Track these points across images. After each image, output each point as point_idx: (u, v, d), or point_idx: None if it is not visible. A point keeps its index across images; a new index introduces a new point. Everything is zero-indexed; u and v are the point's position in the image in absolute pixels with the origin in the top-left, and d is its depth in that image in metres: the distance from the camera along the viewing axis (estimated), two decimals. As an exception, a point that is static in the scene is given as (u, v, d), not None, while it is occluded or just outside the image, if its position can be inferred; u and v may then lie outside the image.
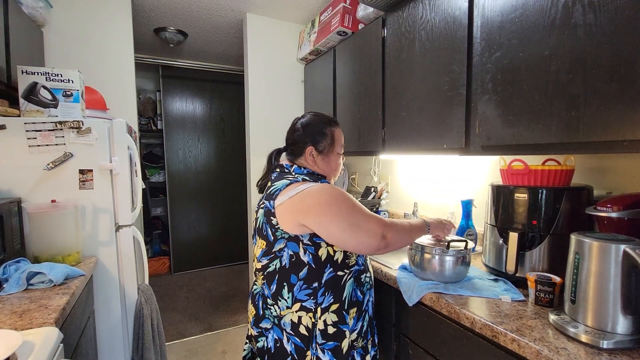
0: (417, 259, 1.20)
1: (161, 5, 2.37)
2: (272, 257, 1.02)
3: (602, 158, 1.20)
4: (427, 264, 1.18)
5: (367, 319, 1.12)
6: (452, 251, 1.15)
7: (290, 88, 2.75)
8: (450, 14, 1.33)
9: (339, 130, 1.18)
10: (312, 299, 1.00)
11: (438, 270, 1.16)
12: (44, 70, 1.43)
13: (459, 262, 1.16)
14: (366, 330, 1.11)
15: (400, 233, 1.02)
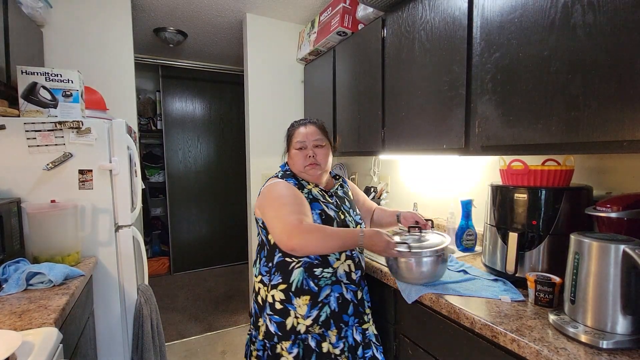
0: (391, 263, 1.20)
1: (161, 5, 2.37)
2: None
3: (602, 158, 1.20)
4: (397, 265, 1.16)
5: (328, 311, 1.15)
6: (427, 252, 1.10)
7: (290, 88, 2.75)
8: (450, 14, 1.33)
9: (297, 130, 1.29)
10: (267, 276, 1.18)
11: (414, 271, 1.14)
12: (43, 71, 1.43)
13: (438, 262, 1.12)
14: (326, 321, 1.15)
15: (312, 239, 1.01)
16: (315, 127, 1.27)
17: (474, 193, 1.66)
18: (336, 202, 1.27)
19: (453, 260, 1.36)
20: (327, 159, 1.26)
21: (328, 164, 1.28)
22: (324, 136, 1.28)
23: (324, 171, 1.26)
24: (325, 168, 1.26)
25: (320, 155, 1.23)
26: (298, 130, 1.28)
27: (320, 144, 1.25)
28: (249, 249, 2.77)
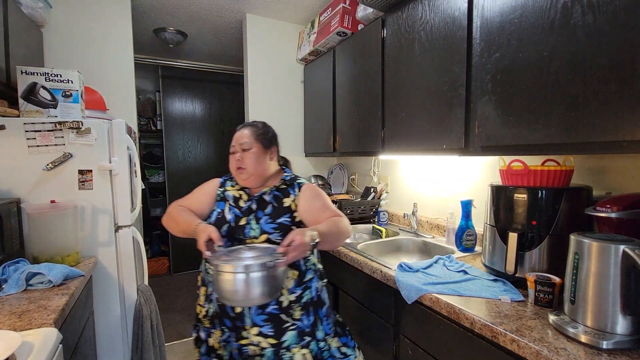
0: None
1: (161, 5, 2.37)
2: None
3: (602, 158, 1.20)
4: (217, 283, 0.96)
5: (213, 307, 1.16)
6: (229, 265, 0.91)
7: (289, 89, 2.75)
8: (450, 14, 1.33)
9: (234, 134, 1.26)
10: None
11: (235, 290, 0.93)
12: (43, 71, 1.43)
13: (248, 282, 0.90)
14: (212, 317, 1.16)
15: (164, 218, 1.24)
16: (249, 130, 1.20)
17: (473, 193, 1.66)
18: (249, 207, 1.17)
19: (453, 260, 1.36)
20: (256, 163, 1.16)
21: (258, 167, 1.17)
22: (255, 139, 1.18)
23: (252, 175, 1.17)
24: (254, 172, 1.17)
25: (246, 159, 1.16)
26: (234, 135, 1.24)
27: (247, 148, 1.16)
28: (249, 249, 2.77)
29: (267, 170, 1.21)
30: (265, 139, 1.21)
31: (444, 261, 1.36)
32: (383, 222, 2.16)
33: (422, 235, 1.85)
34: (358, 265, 1.47)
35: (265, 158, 1.20)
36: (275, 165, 1.25)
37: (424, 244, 1.76)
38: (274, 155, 1.23)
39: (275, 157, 1.25)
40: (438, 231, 1.85)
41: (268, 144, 1.21)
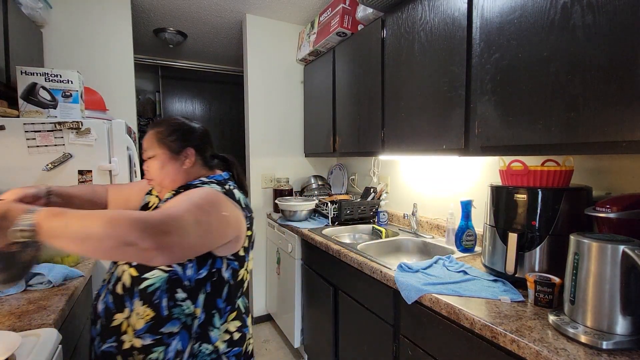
0: None
1: (161, 6, 2.37)
2: None
3: (601, 159, 1.20)
4: None
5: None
6: None
7: (289, 89, 2.75)
8: (450, 15, 1.33)
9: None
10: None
11: None
12: (43, 71, 1.43)
13: None
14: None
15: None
16: (150, 134, 0.97)
17: (473, 193, 1.66)
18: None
19: (453, 260, 1.36)
20: (162, 172, 0.95)
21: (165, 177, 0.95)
22: (158, 144, 0.96)
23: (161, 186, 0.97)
24: (161, 182, 0.96)
25: (150, 169, 0.96)
26: None
27: (149, 155, 0.96)
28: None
29: (181, 179, 0.95)
30: (172, 142, 0.95)
31: (444, 261, 1.36)
32: (383, 222, 2.16)
33: (422, 235, 1.85)
34: (358, 265, 1.47)
35: (175, 164, 0.95)
36: (198, 169, 0.98)
37: (424, 244, 1.76)
38: (190, 158, 0.96)
39: (195, 159, 0.97)
40: (438, 231, 1.85)
41: (178, 147, 0.95)
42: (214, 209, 0.80)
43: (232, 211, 0.86)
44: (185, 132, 0.99)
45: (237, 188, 0.98)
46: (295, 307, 2.16)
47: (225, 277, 0.88)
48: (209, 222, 0.77)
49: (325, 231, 2.04)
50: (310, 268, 2.01)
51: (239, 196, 0.94)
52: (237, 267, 0.91)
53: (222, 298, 0.89)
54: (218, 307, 0.88)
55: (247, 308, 1.01)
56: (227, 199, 0.87)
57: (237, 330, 0.94)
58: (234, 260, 0.90)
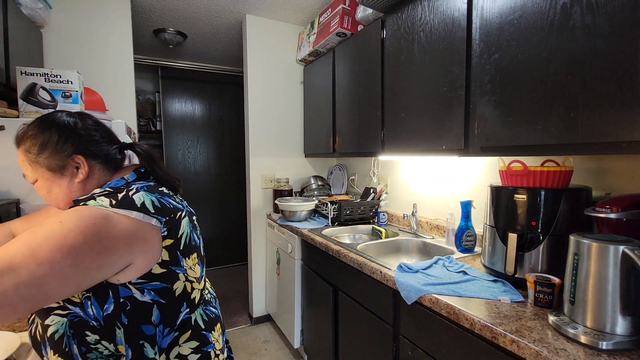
0: None
1: (161, 6, 2.37)
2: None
3: (601, 159, 1.20)
4: None
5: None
6: None
7: (289, 89, 2.75)
8: (449, 15, 1.33)
9: None
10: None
11: None
12: (43, 71, 1.43)
13: None
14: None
15: None
16: (19, 154, 0.80)
17: (473, 194, 1.66)
18: None
19: (452, 261, 1.36)
20: (50, 195, 0.78)
21: (57, 199, 0.78)
22: (29, 168, 0.78)
23: (54, 204, 0.80)
24: (58, 206, 0.80)
25: (40, 194, 0.80)
26: None
27: (31, 181, 0.79)
28: (249, 250, 2.77)
29: (78, 195, 0.76)
30: (47, 158, 0.75)
31: (444, 262, 1.36)
32: (383, 222, 2.16)
33: (422, 235, 1.85)
34: (357, 265, 1.47)
35: (63, 182, 0.76)
36: (99, 175, 0.79)
37: (424, 245, 1.76)
38: (80, 168, 0.76)
39: (88, 167, 0.77)
40: (438, 232, 1.85)
41: (57, 162, 0.75)
42: (69, 248, 0.59)
43: (124, 231, 0.65)
44: (63, 137, 0.76)
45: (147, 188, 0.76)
46: (295, 308, 2.16)
47: (146, 300, 0.69)
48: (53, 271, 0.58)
49: (325, 231, 2.04)
50: (310, 268, 2.01)
51: (146, 199, 0.71)
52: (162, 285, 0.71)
53: (151, 323, 0.70)
54: (146, 335, 0.70)
55: (211, 320, 0.84)
56: (109, 215, 0.65)
57: (194, 351, 0.77)
58: (147, 282, 0.69)
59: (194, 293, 0.79)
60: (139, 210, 0.69)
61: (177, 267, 0.74)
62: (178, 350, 0.75)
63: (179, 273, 0.74)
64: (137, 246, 0.67)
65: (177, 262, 0.74)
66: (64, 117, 0.79)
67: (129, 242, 0.66)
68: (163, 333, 0.73)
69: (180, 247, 0.75)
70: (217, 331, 0.85)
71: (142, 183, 0.78)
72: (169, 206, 0.75)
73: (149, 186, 0.77)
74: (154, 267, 0.70)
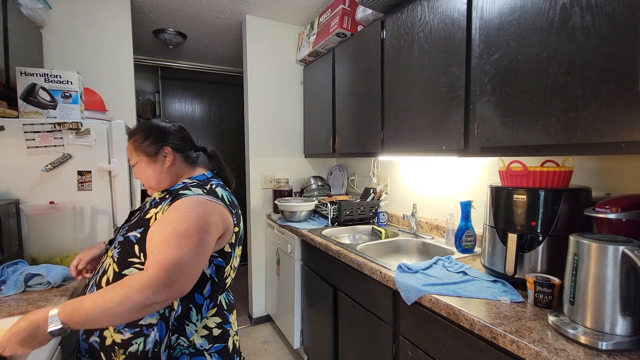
0: None
1: (160, 6, 2.37)
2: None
3: (601, 159, 1.20)
4: None
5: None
6: None
7: (289, 90, 2.75)
8: (449, 15, 1.33)
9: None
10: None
11: None
12: (42, 72, 1.43)
13: None
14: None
15: None
16: (129, 144, 1.03)
17: (473, 194, 1.66)
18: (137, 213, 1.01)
19: (452, 261, 1.36)
20: (147, 176, 1.00)
21: (152, 181, 1.01)
22: (135, 152, 1.01)
23: (153, 189, 1.03)
24: (150, 185, 1.02)
25: (136, 174, 1.03)
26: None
27: (133, 163, 1.03)
28: (249, 250, 2.77)
29: (165, 179, 1.01)
30: (148, 146, 1.00)
31: (444, 262, 1.36)
32: (382, 223, 2.16)
33: (422, 236, 1.85)
34: (357, 266, 1.47)
35: (155, 166, 1.00)
36: (179, 167, 1.03)
37: (424, 245, 1.76)
38: (168, 157, 1.00)
39: (173, 157, 1.01)
40: (437, 232, 1.85)
41: (153, 150, 1.00)
42: (202, 230, 0.82)
43: (218, 213, 0.89)
44: (159, 134, 1.02)
45: (220, 184, 1.01)
46: (295, 308, 2.16)
47: (207, 274, 0.90)
48: (203, 246, 0.81)
49: (324, 232, 2.04)
50: (309, 269, 2.00)
51: (222, 193, 0.96)
52: (221, 263, 0.93)
53: (202, 294, 0.90)
54: (196, 302, 0.89)
55: (230, 305, 1.02)
56: (211, 202, 0.89)
57: (217, 326, 0.95)
58: (218, 257, 0.92)
59: (228, 280, 0.99)
60: (219, 199, 0.92)
61: (234, 251, 0.97)
62: (205, 322, 0.93)
63: (232, 257, 0.96)
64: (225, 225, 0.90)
65: (235, 248, 0.97)
66: (166, 123, 1.05)
67: (223, 220, 0.89)
68: (208, 306, 0.92)
69: (239, 236, 0.99)
70: (233, 315, 1.03)
71: (217, 181, 1.03)
72: (234, 202, 1.01)
73: (221, 184, 1.03)
74: (226, 246, 0.93)
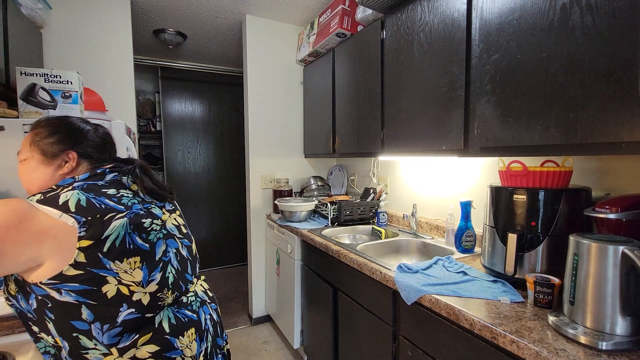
0: None
1: (160, 6, 2.37)
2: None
3: (601, 159, 1.20)
4: None
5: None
6: None
7: (289, 90, 2.75)
8: (449, 15, 1.33)
9: None
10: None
11: None
12: (42, 72, 1.43)
13: None
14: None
15: None
16: (28, 134, 0.87)
17: (473, 194, 1.66)
18: None
19: (452, 261, 1.36)
20: (34, 177, 0.83)
21: (32, 185, 0.84)
22: (28, 147, 0.85)
23: (27, 191, 0.86)
24: (28, 188, 0.85)
25: (19, 173, 0.87)
26: None
27: (21, 159, 0.87)
28: (249, 250, 2.77)
29: (50, 185, 0.81)
30: (50, 144, 0.82)
31: (444, 262, 1.36)
32: (382, 223, 2.16)
33: (422, 236, 1.85)
34: (357, 266, 1.47)
35: (47, 170, 0.82)
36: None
37: (424, 245, 1.76)
38: (70, 162, 0.83)
39: (75, 165, 0.83)
40: (437, 232, 1.85)
41: (53, 151, 0.82)
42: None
43: (34, 226, 0.67)
44: (69, 134, 0.85)
45: (85, 186, 0.76)
46: (295, 308, 2.16)
47: (69, 301, 0.69)
48: None
49: (324, 232, 2.04)
50: (309, 269, 2.01)
51: (69, 198, 0.72)
52: (83, 287, 0.69)
53: (83, 320, 0.71)
54: (79, 329, 0.71)
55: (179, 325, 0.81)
56: (30, 208, 0.68)
57: (152, 356, 0.75)
58: (59, 282, 0.68)
59: (138, 296, 0.75)
60: (58, 208, 0.70)
61: (100, 269, 0.71)
62: (134, 353, 0.73)
63: (105, 276, 0.71)
64: (47, 245, 0.67)
65: (99, 265, 0.71)
66: (87, 126, 0.89)
67: (38, 240, 0.67)
68: (102, 329, 0.72)
69: (104, 250, 0.72)
70: (188, 337, 0.81)
71: (88, 182, 0.78)
72: (99, 206, 0.74)
73: (90, 184, 0.78)
74: (66, 269, 0.68)
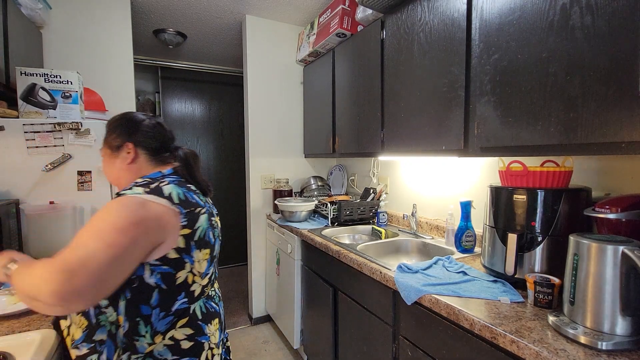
0: None
1: (160, 6, 2.37)
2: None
3: (601, 159, 1.20)
4: None
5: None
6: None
7: (289, 90, 2.75)
8: (449, 16, 1.33)
9: None
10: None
11: None
12: (42, 72, 1.43)
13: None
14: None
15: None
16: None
17: (473, 194, 1.66)
18: None
19: (452, 261, 1.36)
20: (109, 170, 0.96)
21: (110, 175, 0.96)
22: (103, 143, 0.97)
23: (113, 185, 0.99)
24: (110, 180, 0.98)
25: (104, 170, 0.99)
26: None
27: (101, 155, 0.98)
28: (249, 250, 2.77)
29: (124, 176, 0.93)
30: (113, 139, 0.93)
31: (444, 262, 1.36)
32: (382, 223, 2.16)
33: (422, 236, 1.85)
34: (357, 266, 1.47)
35: (115, 162, 0.93)
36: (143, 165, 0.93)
37: (424, 245, 1.76)
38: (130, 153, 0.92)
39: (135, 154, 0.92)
40: (437, 232, 1.85)
41: (116, 144, 0.93)
42: (120, 232, 0.71)
43: (152, 217, 0.76)
44: (127, 127, 0.93)
45: (175, 182, 0.88)
46: (295, 308, 2.16)
47: (150, 283, 0.78)
48: (118, 249, 0.69)
49: (324, 232, 2.04)
50: (309, 269, 2.01)
51: (172, 191, 0.83)
52: (169, 270, 0.80)
53: (149, 305, 0.79)
54: (143, 313, 0.79)
55: (208, 314, 0.90)
56: (147, 202, 0.77)
57: (187, 338, 0.84)
58: (160, 265, 0.78)
59: (194, 286, 0.86)
60: (165, 198, 0.81)
61: (188, 256, 0.83)
62: (173, 334, 0.83)
63: (186, 262, 0.83)
64: (163, 228, 0.78)
65: (189, 252, 0.83)
66: (140, 116, 0.96)
67: (160, 223, 0.77)
68: (159, 316, 0.81)
69: (195, 238, 0.84)
70: (214, 325, 0.92)
71: (174, 178, 0.91)
72: (191, 200, 0.87)
73: (179, 181, 0.90)
74: (170, 252, 0.79)
